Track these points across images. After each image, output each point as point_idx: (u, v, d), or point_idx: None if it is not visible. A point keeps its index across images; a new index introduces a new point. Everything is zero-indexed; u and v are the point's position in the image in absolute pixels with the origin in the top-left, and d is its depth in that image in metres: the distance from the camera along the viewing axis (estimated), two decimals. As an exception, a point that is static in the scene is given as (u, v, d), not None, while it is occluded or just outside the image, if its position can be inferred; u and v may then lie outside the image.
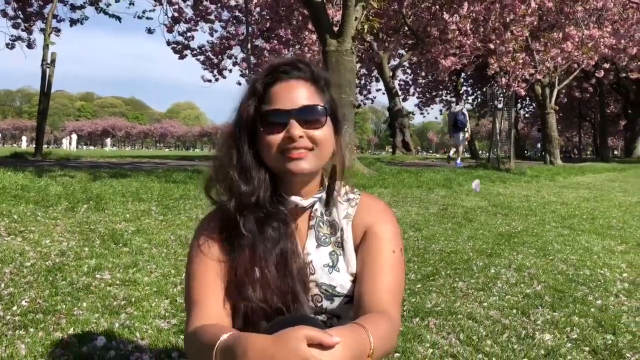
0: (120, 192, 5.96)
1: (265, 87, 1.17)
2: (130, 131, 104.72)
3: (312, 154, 1.16)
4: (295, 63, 1.20)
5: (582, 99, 32.03)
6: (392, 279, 1.17)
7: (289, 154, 1.13)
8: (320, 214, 1.26)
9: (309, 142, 1.14)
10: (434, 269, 3.76)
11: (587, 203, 8.36)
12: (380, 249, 1.21)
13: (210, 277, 1.15)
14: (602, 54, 15.04)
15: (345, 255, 1.23)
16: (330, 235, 1.25)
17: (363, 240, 1.23)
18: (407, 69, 28.88)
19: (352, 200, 1.29)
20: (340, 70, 10.24)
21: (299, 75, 1.19)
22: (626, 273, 3.81)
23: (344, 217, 1.26)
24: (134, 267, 3.43)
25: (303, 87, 1.17)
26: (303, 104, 1.15)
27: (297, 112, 1.14)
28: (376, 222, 1.25)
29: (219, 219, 1.22)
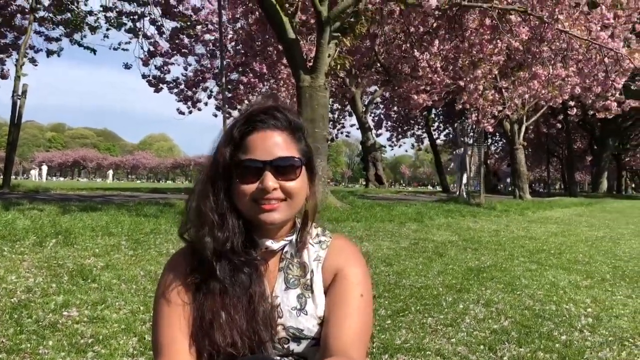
0: (90, 226, 5.89)
1: (242, 134, 1.18)
2: (102, 162, 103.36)
3: (285, 205, 1.17)
4: (272, 111, 1.20)
5: (550, 135, 32.91)
6: (359, 324, 1.18)
7: (262, 204, 1.14)
8: (290, 256, 1.26)
9: (282, 194, 1.16)
10: (404, 305, 3.79)
11: (555, 238, 8.52)
12: (349, 292, 1.21)
13: (177, 321, 1.15)
14: (569, 93, 15.52)
15: (313, 298, 1.23)
16: (299, 277, 1.25)
17: (332, 282, 1.23)
18: (380, 104, 29.36)
19: (323, 243, 1.29)
20: (314, 105, 10.39)
21: (275, 124, 1.19)
22: (590, 308, 3.90)
23: (314, 260, 1.26)
24: (102, 303, 3.39)
25: (279, 137, 1.18)
26: (278, 155, 1.16)
27: (272, 163, 1.15)
28: (346, 265, 1.25)
29: (188, 261, 1.22)
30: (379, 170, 26.32)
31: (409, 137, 33.37)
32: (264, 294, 1.20)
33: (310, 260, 1.26)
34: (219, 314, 1.15)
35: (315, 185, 1.26)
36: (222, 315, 1.14)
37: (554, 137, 36.22)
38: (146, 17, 14.29)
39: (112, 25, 14.09)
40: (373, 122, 29.22)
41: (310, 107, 10.38)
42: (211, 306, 1.15)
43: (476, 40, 13.35)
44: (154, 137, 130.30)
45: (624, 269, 5.76)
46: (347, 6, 10.02)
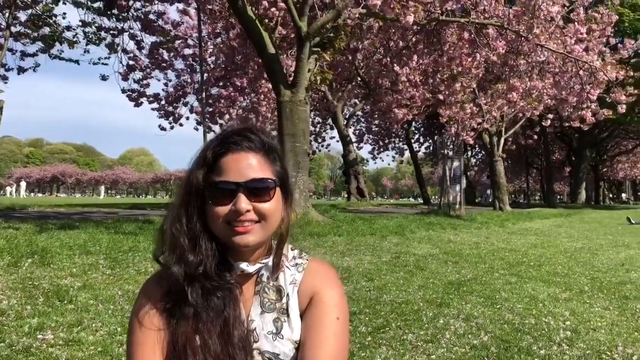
0: (68, 245, 5.80)
1: (215, 156, 1.17)
2: (81, 178, 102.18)
3: (259, 227, 1.16)
4: (246, 133, 1.20)
5: (528, 146, 33.31)
6: (335, 347, 1.17)
7: (235, 227, 1.14)
8: (266, 279, 1.25)
9: (255, 216, 1.15)
10: (385, 321, 3.79)
11: (535, 249, 8.60)
12: (325, 315, 1.20)
13: (150, 346, 1.14)
14: (546, 104, 15.79)
15: (289, 322, 1.22)
16: (275, 302, 1.23)
17: (308, 306, 1.23)
18: (361, 117, 29.51)
19: (300, 266, 1.28)
20: (294, 119, 10.42)
21: (249, 146, 1.18)
22: (569, 321, 3.93)
23: (290, 283, 1.25)
24: (79, 325, 3.33)
25: (253, 159, 1.18)
26: (252, 177, 1.15)
27: (245, 184, 1.14)
28: (322, 288, 1.24)
29: (162, 284, 1.20)
30: (361, 183, 26.40)
31: (390, 150, 33.59)
32: (239, 318, 1.18)
33: (286, 283, 1.25)
34: (193, 338, 1.13)
35: (290, 207, 1.25)
36: (196, 340, 1.13)
37: (533, 148, 36.69)
38: (126, 32, 14.25)
39: (91, 41, 14.00)
40: (355, 136, 29.40)
41: (291, 121, 10.40)
42: (184, 331, 1.14)
43: (455, 54, 13.53)
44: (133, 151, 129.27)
45: (601, 280, 5.82)
46: (326, 21, 10.09)
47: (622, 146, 44.73)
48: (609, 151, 45.71)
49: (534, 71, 15.88)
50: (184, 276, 1.15)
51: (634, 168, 52.86)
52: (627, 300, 4.77)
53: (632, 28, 25.00)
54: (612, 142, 42.39)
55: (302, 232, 8.61)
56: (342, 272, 5.60)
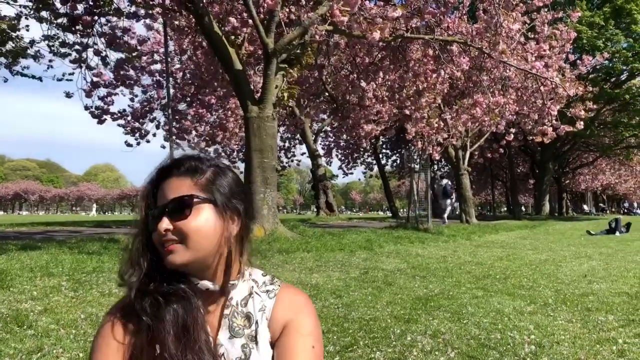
0: (29, 267, 5.64)
1: (154, 188, 1.23)
2: (45, 195, 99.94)
3: (182, 247, 1.15)
4: (180, 161, 1.23)
5: (493, 159, 33.94)
6: None
7: (163, 248, 1.16)
8: (236, 304, 1.23)
9: (174, 235, 1.15)
10: (353, 339, 3.78)
11: (500, 262, 8.73)
12: (300, 345, 1.19)
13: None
14: (508, 120, 16.14)
15: (258, 349, 1.20)
16: (244, 327, 1.22)
17: (282, 335, 1.21)
18: (329, 132, 29.64)
19: (271, 292, 1.26)
20: (262, 135, 10.41)
21: (179, 172, 1.21)
22: (533, 335, 3.99)
23: (260, 310, 1.23)
24: (39, 352, 3.23)
25: (182, 183, 1.19)
26: (171, 198, 1.17)
27: (164, 207, 1.17)
28: (296, 317, 1.23)
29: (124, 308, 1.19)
30: (330, 198, 26.48)
31: (359, 165, 33.79)
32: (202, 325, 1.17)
33: (255, 310, 1.23)
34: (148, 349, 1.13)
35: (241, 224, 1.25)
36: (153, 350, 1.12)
37: (497, 161, 37.39)
38: (90, 48, 14.02)
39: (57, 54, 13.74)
40: (323, 150, 29.50)
41: (258, 137, 10.39)
42: (140, 343, 1.14)
43: (420, 70, 13.74)
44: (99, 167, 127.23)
45: (565, 292, 5.94)
46: (293, 38, 10.14)
47: (583, 159, 45.97)
48: (571, 164, 46.92)
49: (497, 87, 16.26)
50: (136, 291, 1.17)
51: (594, 180, 54.31)
52: (589, 312, 4.87)
53: (590, 45, 25.85)
54: (573, 154, 43.53)
55: (270, 248, 8.57)
56: (310, 290, 5.58)
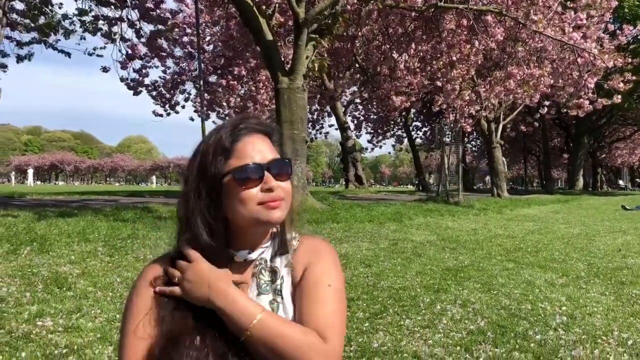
0: (66, 233, 5.81)
1: (230, 143, 1.19)
2: (80, 165, 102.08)
3: (284, 204, 1.19)
4: (254, 119, 1.24)
5: (527, 133, 33.28)
6: (330, 310, 1.18)
7: (268, 204, 1.16)
8: (264, 262, 1.26)
9: (282, 193, 1.18)
10: (382, 307, 3.81)
11: (532, 236, 8.63)
12: (317, 283, 1.21)
13: (146, 335, 1.13)
14: (542, 92, 15.76)
15: (284, 304, 1.23)
16: (270, 283, 1.25)
17: (300, 279, 1.24)
18: (359, 105, 29.42)
19: (292, 247, 1.29)
20: (292, 107, 10.39)
21: (260, 129, 1.22)
22: (565, 306, 3.96)
23: (285, 265, 1.26)
24: (78, 312, 3.35)
25: (265, 142, 1.21)
26: (271, 158, 1.19)
27: (269, 165, 1.18)
28: (313, 260, 1.26)
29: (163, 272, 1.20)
30: (359, 171, 26.42)
31: (389, 138, 33.51)
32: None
33: (281, 265, 1.26)
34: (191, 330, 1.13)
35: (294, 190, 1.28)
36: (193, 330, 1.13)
37: (530, 135, 36.65)
38: (124, 21, 14.11)
39: (88, 30, 13.88)
40: (353, 123, 29.32)
41: (288, 108, 10.38)
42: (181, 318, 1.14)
43: (453, 41, 13.47)
44: (132, 139, 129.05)
45: (598, 266, 5.85)
46: (324, 7, 10.03)
47: (620, 132, 44.71)
48: (607, 137, 45.69)
49: (532, 58, 15.85)
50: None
51: (632, 154, 52.79)
52: (623, 286, 4.80)
53: (631, 14, 24.90)
54: (610, 128, 42.37)
55: (299, 219, 8.62)
56: (339, 259, 5.62)
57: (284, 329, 1.10)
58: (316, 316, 1.16)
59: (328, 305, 1.18)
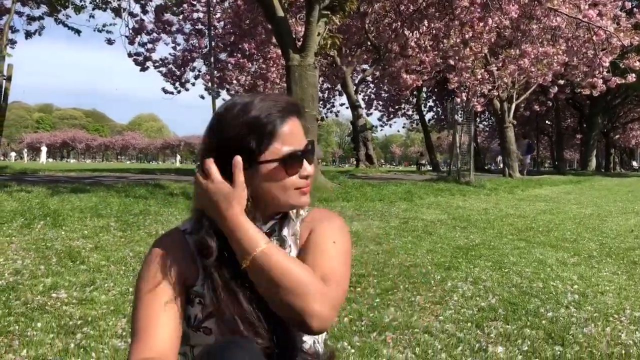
0: (79, 208, 5.86)
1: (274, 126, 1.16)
2: (91, 143, 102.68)
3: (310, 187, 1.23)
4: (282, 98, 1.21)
5: (539, 113, 32.95)
6: (335, 262, 1.17)
7: (302, 190, 1.20)
8: (272, 231, 1.25)
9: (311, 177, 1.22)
10: (393, 283, 3.82)
11: (544, 215, 8.59)
12: (320, 241, 1.21)
13: (160, 303, 1.12)
14: (555, 71, 15.55)
15: None
16: None
17: (306, 241, 1.23)
18: (371, 83, 29.21)
19: (300, 217, 1.29)
20: (303, 84, 10.33)
21: (295, 111, 1.20)
22: (577, 285, 3.95)
23: (292, 234, 1.26)
24: (91, 285, 3.38)
25: (299, 125, 1.20)
26: (305, 143, 1.19)
27: (305, 151, 1.19)
28: (317, 224, 1.25)
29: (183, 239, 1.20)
30: (370, 150, 26.32)
31: (400, 117, 33.34)
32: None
33: (289, 234, 1.26)
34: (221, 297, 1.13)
35: None
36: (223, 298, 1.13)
37: (543, 115, 36.27)
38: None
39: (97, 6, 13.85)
40: (364, 102, 29.14)
41: (299, 86, 10.32)
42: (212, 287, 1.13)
43: (466, 18, 13.28)
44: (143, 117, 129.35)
45: (610, 246, 5.82)
46: (336, -16, 9.90)
47: (635, 113, 44.05)
48: (621, 118, 45.04)
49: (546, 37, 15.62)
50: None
51: (646, 135, 52.22)
52: (635, 265, 4.77)
53: (649, -9, 24.40)
54: (625, 108, 41.77)
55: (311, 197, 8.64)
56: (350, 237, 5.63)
57: (287, 262, 1.09)
58: (319, 265, 1.15)
59: (333, 259, 1.18)
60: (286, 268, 1.07)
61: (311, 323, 1.05)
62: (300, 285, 1.06)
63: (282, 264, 1.08)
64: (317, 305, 1.05)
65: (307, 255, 1.18)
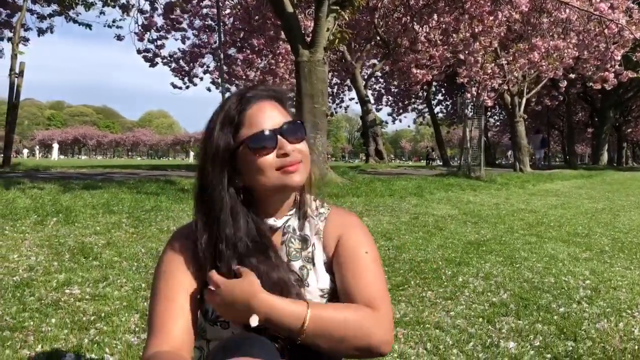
0: (91, 204, 5.90)
1: (239, 113, 1.18)
2: (102, 140, 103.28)
3: (302, 166, 1.20)
4: (259, 86, 1.24)
5: (550, 107, 32.71)
6: (372, 277, 1.22)
7: (286, 169, 1.17)
8: (292, 230, 1.27)
9: (299, 155, 1.19)
10: (404, 279, 3.82)
11: (555, 210, 8.54)
12: (354, 254, 1.24)
13: (177, 297, 1.14)
14: (566, 65, 15.41)
15: (315, 270, 1.25)
16: (301, 250, 1.26)
17: (336, 250, 1.26)
18: (380, 78, 29.11)
19: (322, 215, 1.31)
20: (313, 80, 10.32)
21: (267, 95, 1.22)
22: (589, 280, 3.92)
23: (315, 234, 1.28)
24: (104, 281, 3.41)
25: (275, 107, 1.21)
26: (283, 121, 1.19)
27: (282, 129, 1.17)
28: (346, 231, 1.28)
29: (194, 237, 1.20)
30: (379, 145, 26.22)
31: (409, 112, 33.18)
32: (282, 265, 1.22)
33: (312, 233, 1.28)
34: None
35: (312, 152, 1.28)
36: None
37: (554, 109, 35.98)
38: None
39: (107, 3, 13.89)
40: (373, 97, 29.05)
41: (309, 82, 10.31)
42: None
43: (476, 12, 13.20)
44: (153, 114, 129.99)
45: (623, 240, 5.78)
46: (345, -22, 9.87)
47: (647, 106, 43.59)
48: (634, 111, 44.51)
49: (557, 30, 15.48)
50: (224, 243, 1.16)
51: (659, 129, 51.59)
52: (648, 260, 4.74)
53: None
54: (637, 102, 41.28)
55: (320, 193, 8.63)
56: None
57: (336, 315, 1.13)
58: (361, 288, 1.20)
59: (369, 274, 1.22)
60: (338, 321, 1.12)
61: (381, 352, 1.15)
62: (359, 328, 1.12)
63: (333, 319, 1.12)
64: (380, 336, 1.14)
65: (345, 274, 1.23)
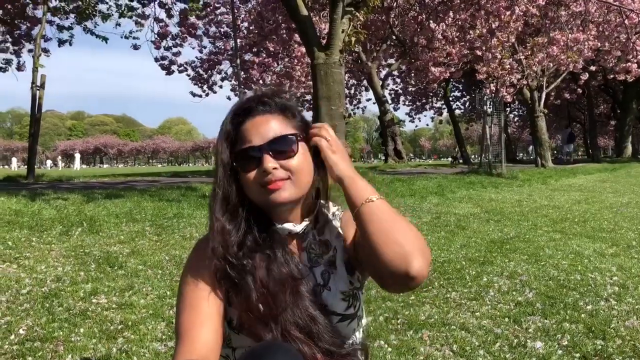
0: (114, 213, 5.97)
1: (235, 127, 1.21)
2: (123, 148, 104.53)
3: (290, 183, 1.18)
4: (259, 98, 1.23)
5: (570, 100, 32.27)
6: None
7: (268, 186, 1.16)
8: (312, 236, 1.27)
9: (284, 173, 1.17)
10: (428, 280, 3.79)
11: (579, 206, 8.43)
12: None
13: (203, 305, 1.15)
14: (586, 57, 15.20)
15: (336, 274, 1.25)
16: (322, 254, 1.26)
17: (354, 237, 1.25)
18: (397, 77, 29.03)
19: (336, 217, 1.31)
20: (329, 82, 10.32)
21: (264, 109, 1.21)
22: (616, 276, 3.86)
23: (336, 237, 1.28)
24: (130, 289, 3.45)
25: (272, 120, 1.20)
26: (272, 136, 1.18)
27: (267, 145, 1.17)
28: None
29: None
30: (398, 145, 26.14)
31: (428, 110, 33.03)
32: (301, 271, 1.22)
33: (333, 237, 1.28)
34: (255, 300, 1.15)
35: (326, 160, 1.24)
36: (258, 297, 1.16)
37: (575, 103, 35.49)
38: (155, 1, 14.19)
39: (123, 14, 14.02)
40: (390, 96, 28.97)
41: (325, 84, 10.31)
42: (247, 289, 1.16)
43: (492, 8, 13.09)
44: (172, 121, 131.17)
45: (650, 235, 5.68)
46: (359, -20, 9.86)
47: (671, 97, 42.72)
48: (657, 102, 43.75)
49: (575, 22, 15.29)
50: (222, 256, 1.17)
51: (683, 119, 50.51)
52: (677, 255, 4.65)
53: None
54: (660, 92, 40.56)
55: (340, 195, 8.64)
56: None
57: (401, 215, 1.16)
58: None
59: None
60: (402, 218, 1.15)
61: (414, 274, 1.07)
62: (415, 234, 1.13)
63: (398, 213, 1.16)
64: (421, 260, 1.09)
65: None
